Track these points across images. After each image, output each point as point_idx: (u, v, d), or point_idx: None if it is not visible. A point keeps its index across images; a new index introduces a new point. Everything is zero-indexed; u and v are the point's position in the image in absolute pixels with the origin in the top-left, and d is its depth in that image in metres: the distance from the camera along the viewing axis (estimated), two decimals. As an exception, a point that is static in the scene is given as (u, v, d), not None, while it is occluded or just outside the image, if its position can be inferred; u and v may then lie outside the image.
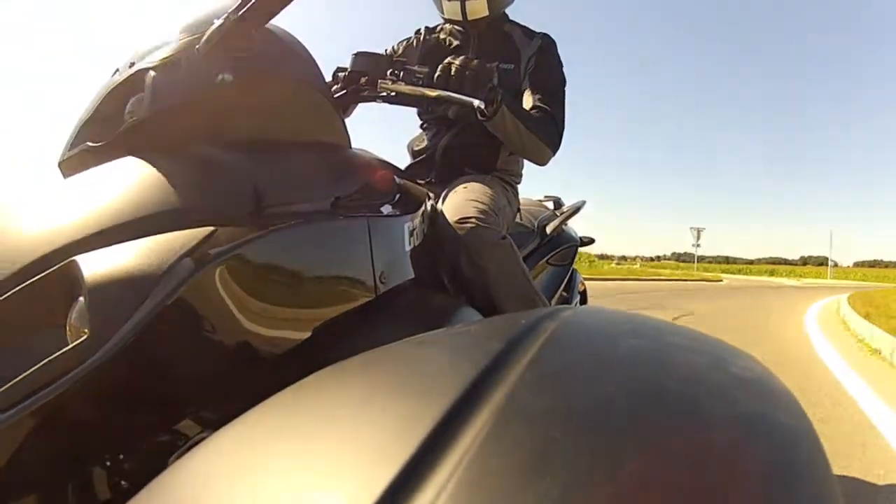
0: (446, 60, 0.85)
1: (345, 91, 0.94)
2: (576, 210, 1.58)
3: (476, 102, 0.83)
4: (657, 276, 20.17)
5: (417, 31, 1.28)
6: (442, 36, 1.25)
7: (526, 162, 1.24)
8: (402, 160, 1.26)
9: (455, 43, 1.22)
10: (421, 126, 1.30)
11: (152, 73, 0.58)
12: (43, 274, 0.44)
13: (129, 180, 0.53)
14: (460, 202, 0.93)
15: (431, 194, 1.00)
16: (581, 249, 1.64)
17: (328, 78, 0.93)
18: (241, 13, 0.54)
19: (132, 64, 0.61)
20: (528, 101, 1.12)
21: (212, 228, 0.49)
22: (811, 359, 3.53)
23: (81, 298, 0.42)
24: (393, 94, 0.87)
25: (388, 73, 0.85)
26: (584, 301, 1.73)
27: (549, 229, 1.44)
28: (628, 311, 0.29)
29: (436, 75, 0.84)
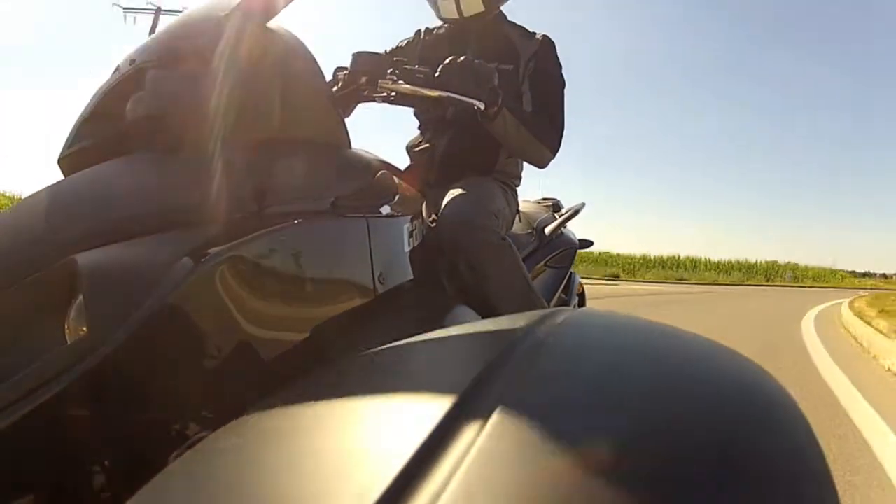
0: (447, 60, 0.85)
1: (345, 91, 0.94)
2: (575, 212, 1.58)
3: (477, 103, 0.83)
4: (877, 286, 40.09)
5: (417, 32, 1.28)
6: (441, 36, 1.24)
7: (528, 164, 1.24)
8: (402, 161, 1.26)
9: (454, 43, 1.21)
10: (419, 127, 1.30)
11: (153, 71, 0.58)
12: (42, 272, 0.44)
13: (129, 179, 0.53)
14: (459, 203, 0.93)
15: (431, 195, 1.00)
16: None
17: (328, 77, 0.93)
18: (242, 12, 0.54)
19: (133, 62, 0.61)
20: (527, 103, 1.12)
21: (211, 228, 0.49)
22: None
23: (81, 297, 0.42)
24: (393, 94, 0.87)
25: (389, 72, 0.85)
26: (582, 303, 1.73)
27: (547, 231, 1.44)
28: (626, 314, 0.29)
29: (437, 74, 0.84)
